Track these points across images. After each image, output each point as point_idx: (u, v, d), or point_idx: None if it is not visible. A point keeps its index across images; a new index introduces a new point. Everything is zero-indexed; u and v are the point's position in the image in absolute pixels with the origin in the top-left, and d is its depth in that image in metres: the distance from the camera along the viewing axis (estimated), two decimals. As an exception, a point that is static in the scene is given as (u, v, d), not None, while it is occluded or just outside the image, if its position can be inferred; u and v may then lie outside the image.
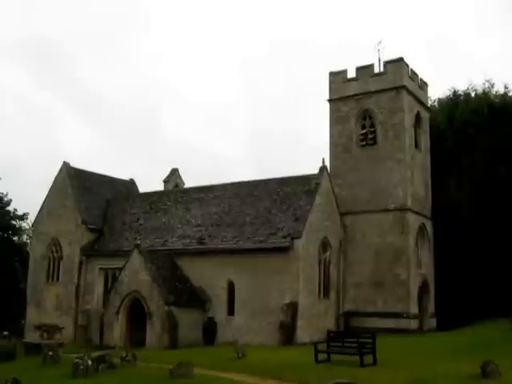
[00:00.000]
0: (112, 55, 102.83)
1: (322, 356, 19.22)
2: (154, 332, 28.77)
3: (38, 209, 39.18)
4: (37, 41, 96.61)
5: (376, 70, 34.47)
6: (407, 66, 34.22)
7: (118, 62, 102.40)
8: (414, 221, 32.79)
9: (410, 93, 34.21)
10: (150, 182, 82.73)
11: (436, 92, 47.82)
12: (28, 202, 50.32)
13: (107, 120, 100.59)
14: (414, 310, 31.60)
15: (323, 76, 35.82)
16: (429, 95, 38.86)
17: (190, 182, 42.89)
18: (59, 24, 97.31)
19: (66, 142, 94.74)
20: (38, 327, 31.70)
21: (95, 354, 19.33)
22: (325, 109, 35.72)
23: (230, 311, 30.26)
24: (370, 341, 18.73)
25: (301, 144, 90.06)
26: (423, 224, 34.10)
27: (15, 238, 50.81)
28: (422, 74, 36.37)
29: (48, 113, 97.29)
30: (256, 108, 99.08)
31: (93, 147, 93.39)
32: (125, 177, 43.74)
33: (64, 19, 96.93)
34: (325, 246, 31.20)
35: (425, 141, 35.86)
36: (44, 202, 38.78)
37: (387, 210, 32.40)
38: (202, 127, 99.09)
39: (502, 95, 39.93)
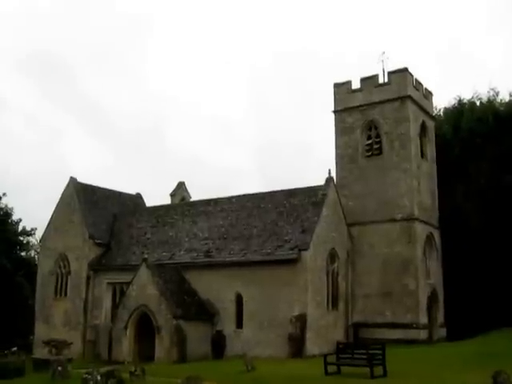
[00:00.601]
0: (117, 69, 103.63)
1: (331, 368, 19.16)
2: (162, 346, 28.70)
3: (46, 224, 39.31)
4: (43, 56, 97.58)
5: (380, 81, 34.60)
6: (411, 75, 34.31)
7: (123, 76, 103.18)
8: (421, 230, 32.69)
9: (415, 102, 34.25)
10: (156, 195, 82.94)
11: (442, 100, 47.64)
12: (36, 217, 50.59)
13: (113, 134, 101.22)
14: (423, 320, 31.42)
15: (329, 87, 35.97)
16: (434, 104, 38.99)
17: (197, 195, 42.95)
18: (65, 41, 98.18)
19: (73, 157, 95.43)
20: (47, 343, 31.68)
21: (104, 369, 19.29)
22: (331, 120, 35.85)
23: (239, 324, 30.16)
24: (379, 352, 18.67)
25: (308, 155, 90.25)
26: (431, 233, 33.99)
27: (23, 254, 50.99)
28: (427, 84, 36.54)
29: (54, 128, 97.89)
30: (263, 120, 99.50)
31: (99, 162, 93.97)
32: (132, 191, 43.87)
33: (71, 37, 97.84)
34: (332, 257, 31.13)
35: (430, 150, 35.83)
36: (51, 218, 38.89)
37: (394, 220, 32.32)
38: (208, 140, 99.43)
39: (507, 103, 39.92)
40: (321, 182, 31.76)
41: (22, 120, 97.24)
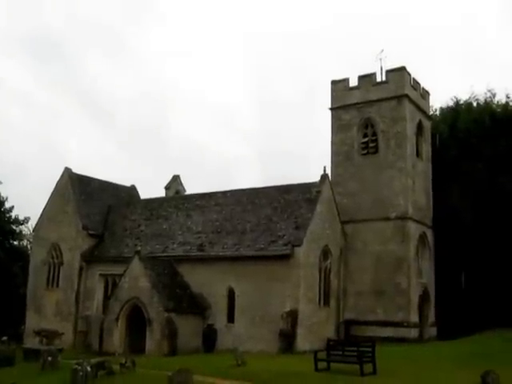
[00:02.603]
0: (118, 61, 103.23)
1: (321, 364, 19.19)
2: (153, 339, 28.70)
3: (39, 213, 39.20)
4: (43, 41, 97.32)
5: (378, 79, 34.55)
6: (409, 74, 34.31)
7: (123, 68, 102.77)
8: (414, 229, 32.75)
9: (412, 102, 34.26)
10: (154, 185, 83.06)
11: (439, 100, 47.75)
12: (31, 206, 50.32)
13: (113, 124, 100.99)
14: (415, 318, 31.50)
15: (327, 83, 36.03)
16: (431, 104, 39.03)
17: (195, 187, 42.99)
18: (66, 25, 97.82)
19: (70, 144, 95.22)
20: (38, 333, 31.69)
21: (94, 360, 19.33)
22: (328, 117, 35.78)
23: (230, 318, 30.18)
24: (369, 349, 18.72)
25: (310, 147, 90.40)
26: (424, 233, 34.05)
27: (16, 243, 50.81)
28: (424, 83, 36.55)
29: (52, 117, 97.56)
30: (264, 114, 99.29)
31: (99, 149, 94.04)
32: (129, 179, 43.89)
33: (72, 22, 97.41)
34: (325, 254, 31.15)
35: (426, 150, 35.87)
36: (45, 207, 38.77)
37: (388, 219, 32.35)
38: (208, 132, 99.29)
39: (503, 105, 40.01)
40: (316, 178, 31.80)
41: (18, 106, 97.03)
